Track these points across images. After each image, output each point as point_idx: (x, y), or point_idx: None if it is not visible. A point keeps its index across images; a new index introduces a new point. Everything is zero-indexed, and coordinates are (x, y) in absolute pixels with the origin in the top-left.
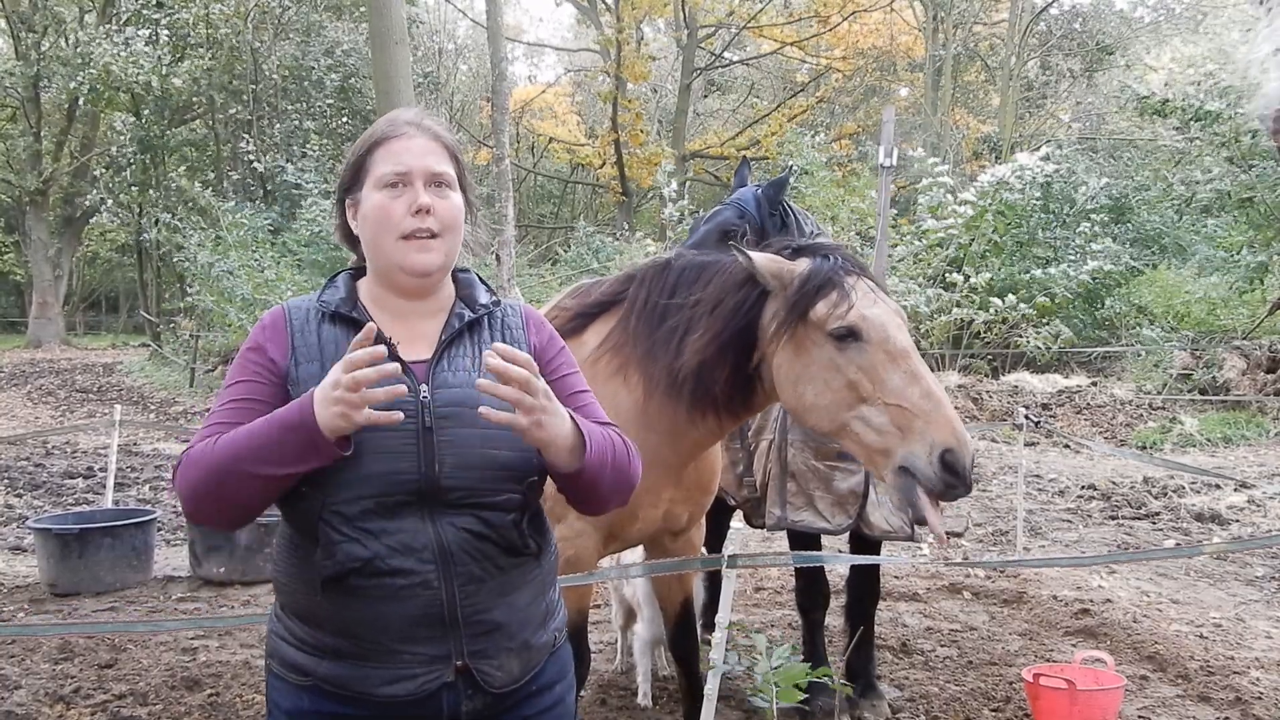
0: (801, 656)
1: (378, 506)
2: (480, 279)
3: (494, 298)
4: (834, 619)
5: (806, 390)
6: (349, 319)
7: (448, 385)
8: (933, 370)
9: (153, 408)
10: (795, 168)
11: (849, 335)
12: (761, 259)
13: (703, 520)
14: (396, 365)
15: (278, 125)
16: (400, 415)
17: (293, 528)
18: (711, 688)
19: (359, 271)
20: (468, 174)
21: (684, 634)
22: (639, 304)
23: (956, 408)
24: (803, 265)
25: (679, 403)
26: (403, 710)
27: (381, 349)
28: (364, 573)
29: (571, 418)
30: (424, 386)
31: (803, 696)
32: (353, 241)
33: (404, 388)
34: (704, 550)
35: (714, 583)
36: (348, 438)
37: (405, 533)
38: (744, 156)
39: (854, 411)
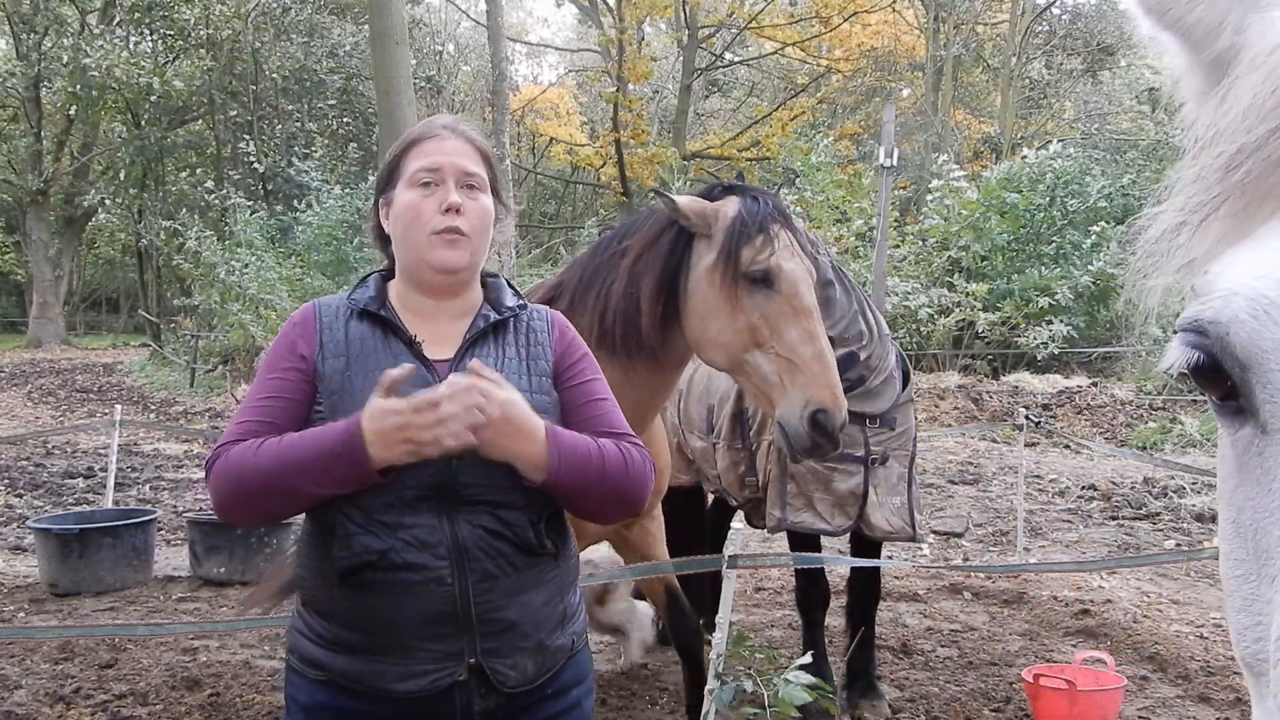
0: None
1: (395, 501)
2: (509, 284)
3: (520, 301)
4: (834, 619)
5: (711, 324)
6: (377, 317)
7: None
8: (933, 370)
9: (153, 408)
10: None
11: (762, 280)
12: (684, 200)
13: (659, 509)
14: (480, 400)
15: (279, 126)
16: (472, 438)
17: (314, 521)
18: (711, 688)
19: (391, 273)
20: (500, 180)
21: (680, 620)
22: (575, 279)
23: (956, 408)
24: (731, 206)
25: (612, 355)
26: (415, 707)
27: (447, 386)
28: (379, 566)
29: (549, 436)
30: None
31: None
32: (385, 243)
33: (482, 417)
34: (665, 546)
35: (715, 583)
36: (390, 466)
37: (421, 528)
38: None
39: (749, 354)
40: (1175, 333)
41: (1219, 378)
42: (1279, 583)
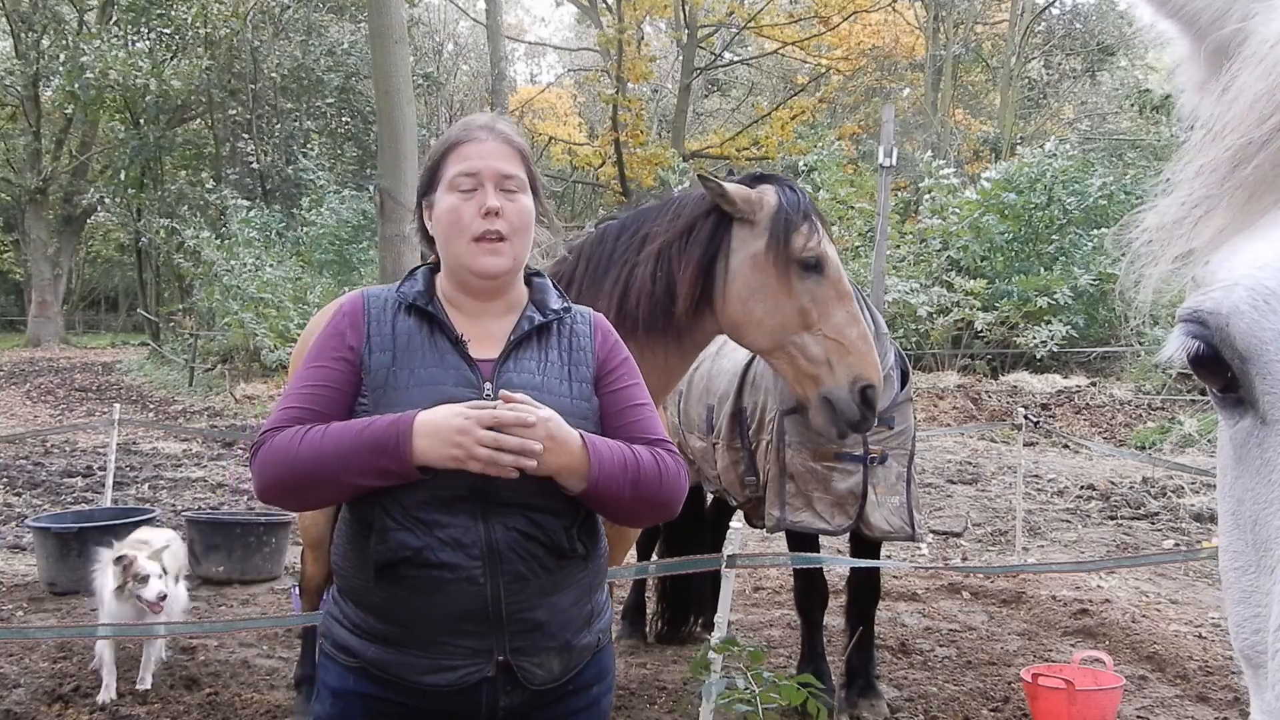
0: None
1: (434, 500)
2: (554, 284)
3: (565, 304)
4: (834, 619)
5: (756, 308)
6: (424, 312)
7: (510, 386)
8: (932, 370)
9: (152, 407)
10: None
11: (813, 267)
12: (732, 186)
13: None
14: (539, 447)
15: (277, 125)
16: (516, 473)
17: (353, 514)
18: (710, 688)
19: (438, 266)
20: (539, 178)
21: None
22: (579, 267)
23: (955, 408)
24: (770, 195)
25: (630, 337)
26: (442, 700)
27: (530, 418)
28: (414, 563)
29: (588, 447)
30: (488, 385)
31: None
32: (431, 241)
33: (534, 462)
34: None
35: (714, 582)
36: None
37: (456, 528)
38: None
39: (796, 336)
40: (1176, 323)
41: (1219, 368)
42: (1278, 573)
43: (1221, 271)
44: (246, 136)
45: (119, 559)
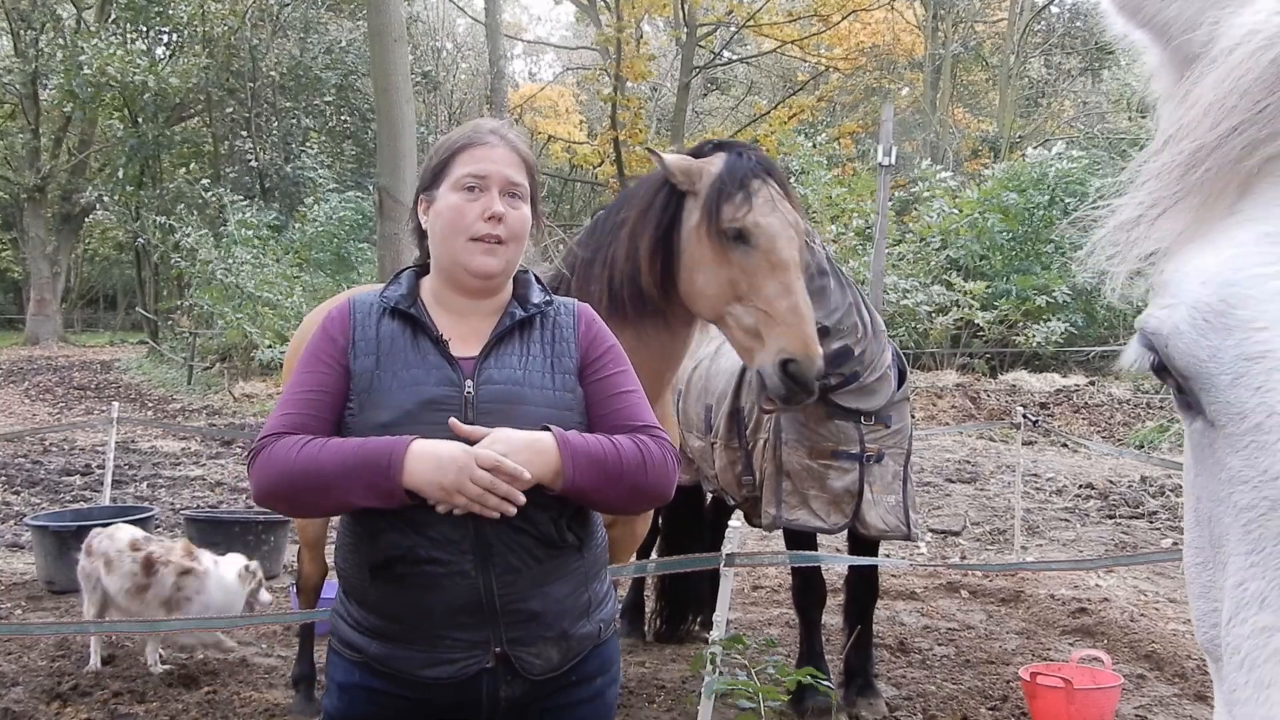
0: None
1: (422, 501)
2: (537, 279)
3: (546, 297)
4: (832, 618)
5: (697, 278)
6: (407, 315)
7: (492, 382)
8: (931, 369)
9: (150, 405)
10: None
11: (739, 237)
12: (671, 158)
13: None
14: (522, 499)
15: (276, 123)
16: (496, 515)
17: (350, 518)
18: (709, 687)
19: (425, 269)
20: (539, 189)
21: None
22: (578, 259)
23: (954, 406)
24: (716, 163)
25: (624, 320)
26: (444, 692)
27: (525, 474)
28: (406, 561)
29: (561, 446)
30: (469, 382)
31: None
32: (421, 237)
33: (514, 509)
34: (631, 550)
35: (714, 581)
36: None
37: (445, 525)
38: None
39: (730, 307)
40: (1135, 332)
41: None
42: (1229, 569)
43: (1172, 284)
44: (245, 135)
45: (249, 570)
